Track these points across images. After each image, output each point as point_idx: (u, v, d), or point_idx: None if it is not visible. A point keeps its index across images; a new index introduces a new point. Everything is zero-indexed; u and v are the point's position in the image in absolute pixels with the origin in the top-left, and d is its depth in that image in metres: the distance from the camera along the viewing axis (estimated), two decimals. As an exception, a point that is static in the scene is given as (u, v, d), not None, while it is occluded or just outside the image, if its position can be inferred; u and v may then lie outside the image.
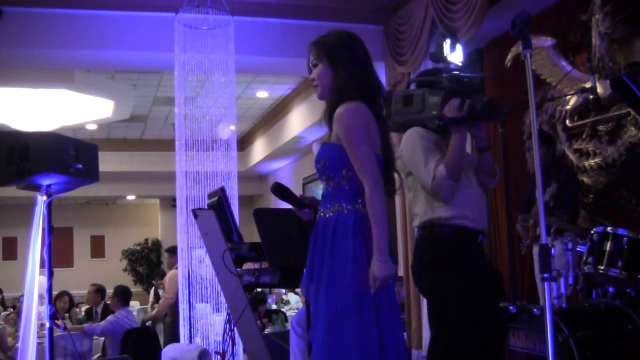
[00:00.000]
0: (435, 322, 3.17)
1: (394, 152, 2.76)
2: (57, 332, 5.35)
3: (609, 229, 3.99)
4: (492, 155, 3.25)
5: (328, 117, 2.66)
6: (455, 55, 5.88)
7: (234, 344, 4.34)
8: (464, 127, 3.02)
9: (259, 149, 13.65)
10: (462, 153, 3.04)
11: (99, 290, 8.04)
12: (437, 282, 3.08)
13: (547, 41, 5.84)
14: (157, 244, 17.61)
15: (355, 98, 2.58)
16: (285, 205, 2.89)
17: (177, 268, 7.85)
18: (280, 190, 2.79)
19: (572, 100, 5.67)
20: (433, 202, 3.10)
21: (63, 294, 8.34)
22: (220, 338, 5.38)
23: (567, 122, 5.81)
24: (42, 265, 4.06)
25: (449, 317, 3.05)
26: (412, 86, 3.33)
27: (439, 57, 5.85)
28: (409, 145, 3.17)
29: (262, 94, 10.97)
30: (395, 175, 2.80)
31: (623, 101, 4.68)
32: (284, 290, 11.02)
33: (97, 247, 18.41)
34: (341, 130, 2.55)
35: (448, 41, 5.81)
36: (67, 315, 8.26)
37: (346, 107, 2.55)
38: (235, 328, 4.27)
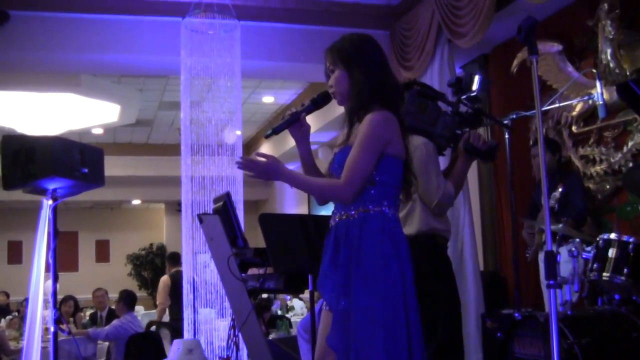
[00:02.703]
0: (438, 328, 3.17)
1: (411, 156, 2.70)
2: (62, 337, 5.35)
3: (614, 235, 3.98)
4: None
5: (349, 121, 2.63)
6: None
7: (238, 349, 4.33)
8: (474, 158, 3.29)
9: (265, 154, 13.61)
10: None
11: (107, 292, 8.25)
12: (441, 290, 3.21)
13: (554, 47, 5.82)
14: (162, 249, 17.59)
15: (376, 102, 2.54)
16: (291, 210, 2.88)
17: (169, 275, 8.22)
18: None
19: (578, 106, 5.65)
20: (429, 212, 3.23)
21: (68, 298, 8.39)
22: (225, 343, 5.37)
23: (573, 128, 5.80)
24: (47, 269, 4.07)
25: (452, 321, 3.24)
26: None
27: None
28: (424, 154, 3.20)
29: (268, 99, 10.97)
30: None
31: (629, 107, 4.67)
32: (288, 296, 11.01)
33: (102, 252, 18.40)
34: (364, 129, 2.49)
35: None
36: (71, 319, 8.29)
37: (381, 114, 2.50)
38: (239, 333, 4.27)
